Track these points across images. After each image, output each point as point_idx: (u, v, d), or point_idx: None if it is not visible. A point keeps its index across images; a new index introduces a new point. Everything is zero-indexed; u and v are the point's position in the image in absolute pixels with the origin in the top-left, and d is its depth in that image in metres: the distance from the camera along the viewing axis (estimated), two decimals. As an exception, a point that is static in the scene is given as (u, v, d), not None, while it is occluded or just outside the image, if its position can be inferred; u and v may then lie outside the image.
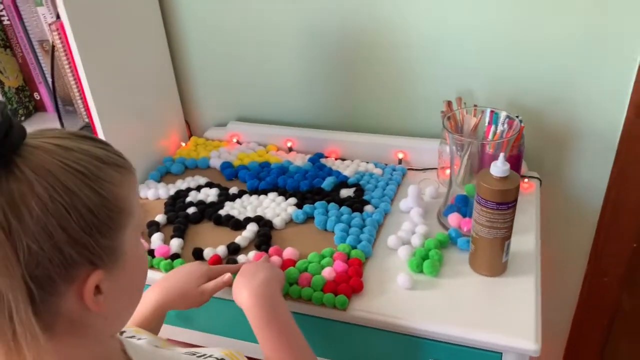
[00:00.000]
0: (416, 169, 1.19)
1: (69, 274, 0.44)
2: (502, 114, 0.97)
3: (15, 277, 0.41)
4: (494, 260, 0.87)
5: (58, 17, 1.07)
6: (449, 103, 1.09)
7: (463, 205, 0.99)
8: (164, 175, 1.23)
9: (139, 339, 0.67)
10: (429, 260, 0.90)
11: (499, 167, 0.81)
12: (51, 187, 0.42)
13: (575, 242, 1.27)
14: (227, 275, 0.85)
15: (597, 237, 1.25)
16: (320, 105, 1.29)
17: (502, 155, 0.81)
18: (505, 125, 0.97)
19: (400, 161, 1.20)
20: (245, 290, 0.77)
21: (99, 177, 0.46)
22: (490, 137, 0.99)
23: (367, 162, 1.21)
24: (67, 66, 1.08)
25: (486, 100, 1.15)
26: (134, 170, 0.52)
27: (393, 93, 1.22)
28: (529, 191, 1.09)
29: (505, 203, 0.82)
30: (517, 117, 0.96)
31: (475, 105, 1.05)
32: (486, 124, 1.00)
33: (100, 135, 1.08)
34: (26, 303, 0.41)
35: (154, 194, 1.14)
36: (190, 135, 1.41)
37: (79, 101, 1.12)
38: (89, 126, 1.10)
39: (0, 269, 0.40)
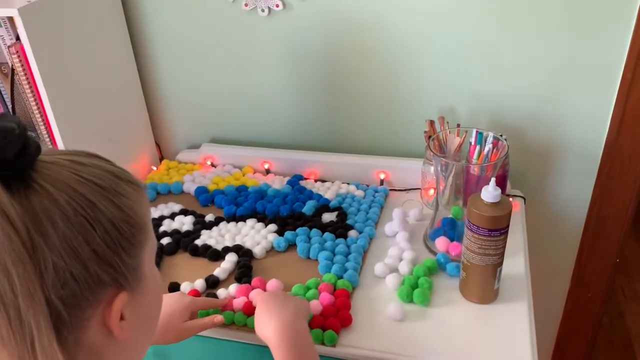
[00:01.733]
0: (399, 190, 1.15)
1: (95, 294, 0.41)
2: (489, 134, 0.94)
3: (39, 301, 0.37)
4: (486, 287, 0.84)
5: (18, 38, 1.00)
6: (432, 122, 1.07)
7: (450, 229, 0.96)
8: (135, 202, 1.16)
9: None
10: (419, 289, 0.86)
11: (490, 192, 0.78)
12: (73, 200, 0.40)
13: (559, 258, 1.26)
14: (219, 317, 0.80)
15: (580, 253, 1.24)
16: (298, 125, 1.25)
17: (493, 180, 0.79)
18: (491, 145, 0.95)
19: (382, 182, 1.17)
20: (272, 323, 0.70)
21: (117, 192, 0.44)
22: (475, 156, 0.97)
23: (348, 184, 1.17)
24: (28, 90, 1.01)
25: (468, 119, 1.13)
26: (145, 188, 0.49)
27: (373, 112, 1.19)
28: (514, 210, 1.07)
29: (498, 229, 0.79)
30: (501, 136, 0.94)
31: (458, 125, 1.03)
32: (470, 144, 0.98)
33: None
34: (49, 330, 0.37)
35: (124, 223, 1.07)
36: (162, 159, 1.35)
37: (42, 126, 1.05)
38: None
39: (22, 291, 0.36)
